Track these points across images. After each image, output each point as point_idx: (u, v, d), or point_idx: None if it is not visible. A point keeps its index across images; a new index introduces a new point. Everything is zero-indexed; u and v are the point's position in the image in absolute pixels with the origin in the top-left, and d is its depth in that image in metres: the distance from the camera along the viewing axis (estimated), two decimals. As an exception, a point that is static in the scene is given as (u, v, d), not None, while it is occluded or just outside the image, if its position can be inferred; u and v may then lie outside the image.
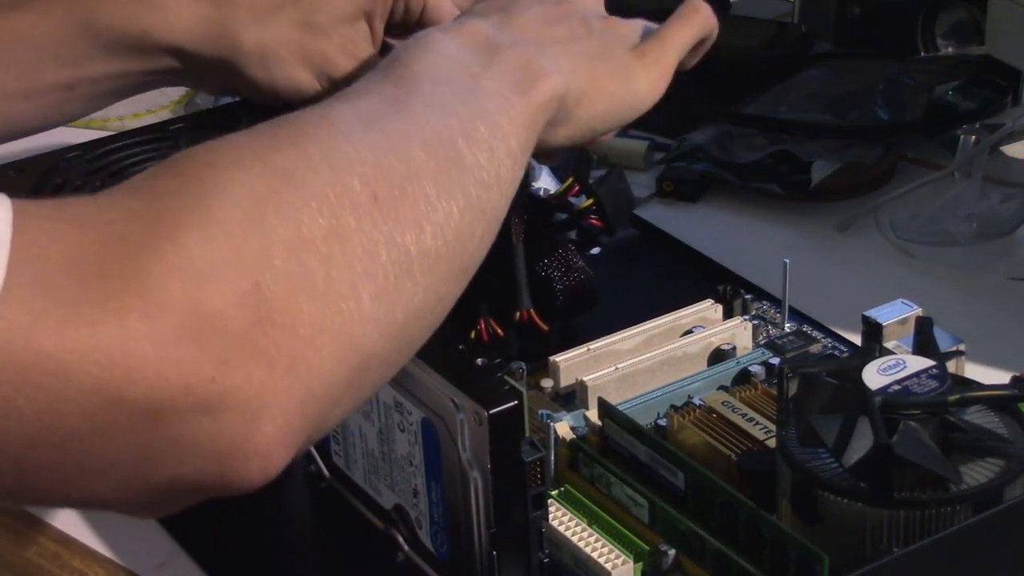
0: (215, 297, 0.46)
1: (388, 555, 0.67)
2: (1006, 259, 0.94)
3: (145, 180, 0.50)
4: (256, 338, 0.47)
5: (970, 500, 0.59)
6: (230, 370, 0.46)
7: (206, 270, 0.46)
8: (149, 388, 0.45)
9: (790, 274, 0.79)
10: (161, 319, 0.45)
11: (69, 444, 0.45)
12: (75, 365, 0.44)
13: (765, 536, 0.60)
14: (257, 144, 0.52)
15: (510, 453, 0.60)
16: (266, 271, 0.47)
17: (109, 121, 1.14)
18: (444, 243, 0.54)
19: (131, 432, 0.45)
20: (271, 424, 0.47)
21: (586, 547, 0.63)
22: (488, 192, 0.57)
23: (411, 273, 0.52)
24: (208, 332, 0.46)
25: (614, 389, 0.72)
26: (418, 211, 0.53)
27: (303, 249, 0.49)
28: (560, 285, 0.78)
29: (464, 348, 0.62)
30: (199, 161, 0.50)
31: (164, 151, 0.83)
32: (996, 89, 1.06)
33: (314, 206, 0.50)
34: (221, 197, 0.49)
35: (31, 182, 0.80)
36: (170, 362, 0.45)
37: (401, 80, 0.58)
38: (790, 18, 1.20)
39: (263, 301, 0.47)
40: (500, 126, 0.59)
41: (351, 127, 0.54)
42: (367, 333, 0.50)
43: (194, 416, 0.46)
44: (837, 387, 0.63)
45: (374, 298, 0.50)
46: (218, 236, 0.47)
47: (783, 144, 1.00)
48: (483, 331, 0.75)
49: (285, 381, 0.47)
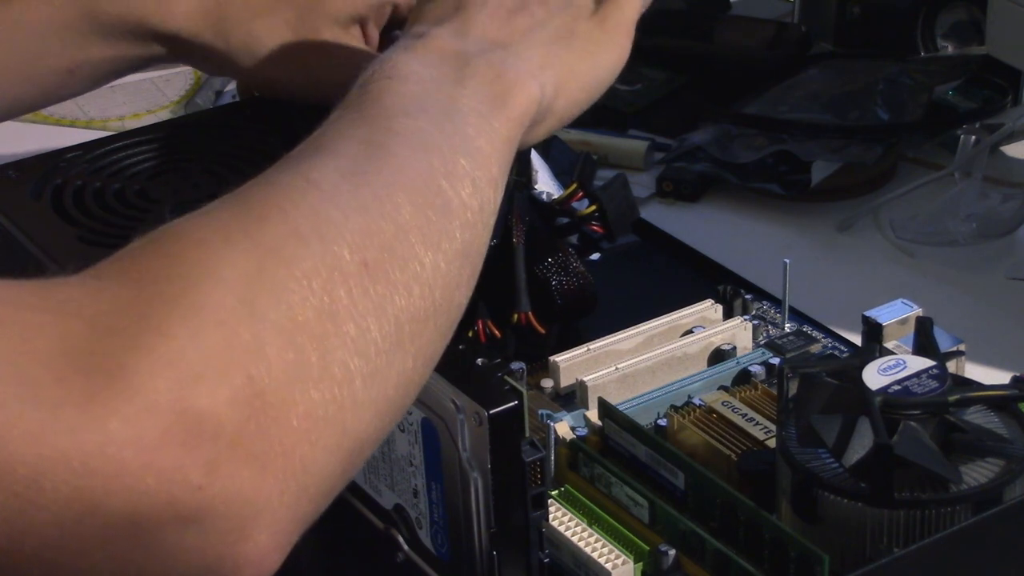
0: (205, 396, 0.43)
1: (388, 555, 0.67)
2: (1006, 259, 0.94)
3: (134, 262, 0.47)
4: (248, 438, 0.44)
5: (970, 500, 0.59)
6: (218, 476, 0.43)
7: (196, 366, 0.43)
8: (128, 499, 0.42)
9: (790, 274, 0.79)
10: (145, 422, 0.42)
11: (42, 554, 0.42)
12: (50, 473, 0.41)
13: (765, 536, 0.60)
14: (243, 216, 0.49)
15: (510, 453, 0.60)
16: (259, 362, 0.45)
17: (109, 121, 1.14)
18: (432, 302, 0.51)
19: (108, 542, 0.42)
20: (263, 532, 0.44)
21: (586, 547, 0.63)
22: (472, 231, 0.55)
23: (401, 343, 0.50)
24: (196, 435, 0.43)
25: (614, 389, 0.72)
26: (407, 272, 0.51)
27: (296, 333, 0.46)
28: (559, 288, 0.78)
29: (464, 348, 0.62)
30: (187, 239, 0.48)
31: (164, 151, 0.84)
32: (996, 89, 1.06)
33: (305, 284, 0.47)
34: (211, 282, 0.46)
35: (31, 182, 0.80)
36: (152, 470, 0.42)
37: (375, 120, 0.56)
38: (790, 18, 1.20)
39: (256, 396, 0.44)
40: (481, 152, 0.57)
41: (336, 188, 0.51)
42: (361, 418, 0.48)
43: (179, 527, 0.43)
44: (837, 387, 0.63)
45: (367, 378, 0.48)
46: (209, 327, 0.44)
47: (783, 144, 1.00)
48: (481, 332, 0.75)
49: (278, 483, 0.44)
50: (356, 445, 0.48)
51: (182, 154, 0.83)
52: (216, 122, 0.87)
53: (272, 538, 0.45)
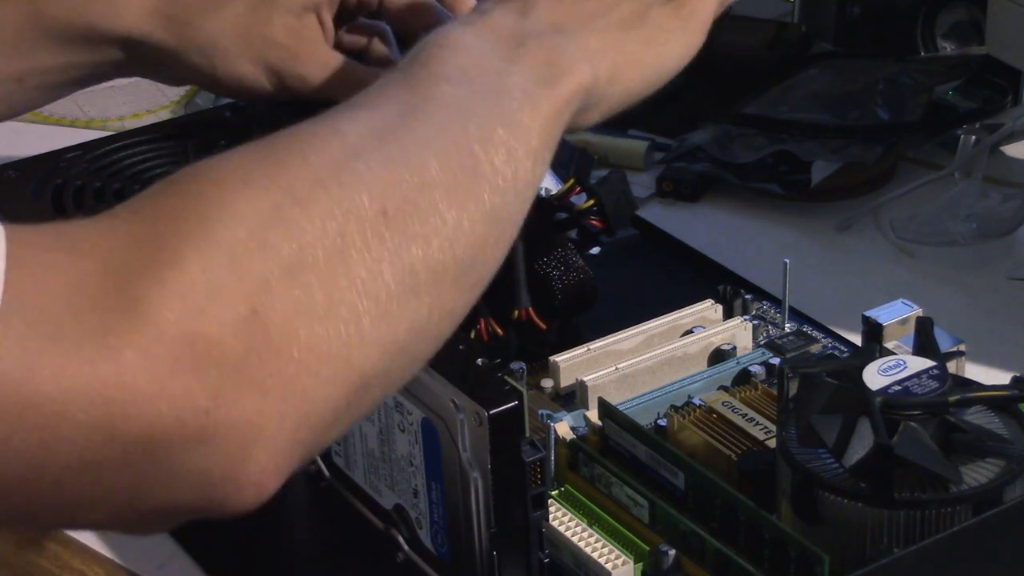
0: (212, 326, 0.45)
1: (388, 555, 0.67)
2: (1006, 259, 0.94)
3: (149, 200, 0.49)
4: (251, 366, 0.46)
5: (970, 500, 0.59)
6: (223, 401, 0.45)
7: (205, 297, 0.45)
8: (143, 423, 0.44)
9: (790, 274, 0.79)
10: (157, 352, 0.44)
11: (63, 479, 0.44)
12: (71, 404, 0.43)
13: (765, 536, 0.60)
14: (265, 159, 0.51)
15: (510, 453, 0.60)
16: (265, 296, 0.46)
17: (109, 121, 1.14)
18: (452, 257, 0.52)
19: (125, 466, 0.45)
20: (264, 453, 0.47)
21: (586, 547, 0.63)
22: (503, 197, 0.55)
23: (416, 290, 0.51)
24: (203, 363, 0.45)
25: (614, 389, 0.72)
26: (427, 225, 0.51)
27: (304, 271, 0.48)
28: (559, 284, 0.78)
29: (464, 348, 0.62)
30: (204, 177, 0.49)
31: (164, 151, 0.84)
32: (996, 89, 1.06)
33: (319, 225, 0.49)
34: (225, 216, 0.48)
35: (31, 183, 0.80)
36: (164, 396, 0.44)
37: (419, 84, 0.57)
38: (790, 18, 1.20)
39: (260, 328, 0.46)
40: (521, 124, 0.57)
41: (363, 142, 0.53)
42: (367, 355, 0.49)
43: (187, 448, 0.45)
44: (837, 387, 0.63)
45: (375, 319, 0.49)
46: (220, 259, 0.46)
47: (783, 144, 1.00)
48: (483, 330, 0.75)
49: (279, 408, 0.46)
50: (361, 380, 0.49)
51: (182, 154, 0.83)
52: (216, 122, 0.87)
53: (271, 460, 0.47)
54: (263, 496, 0.48)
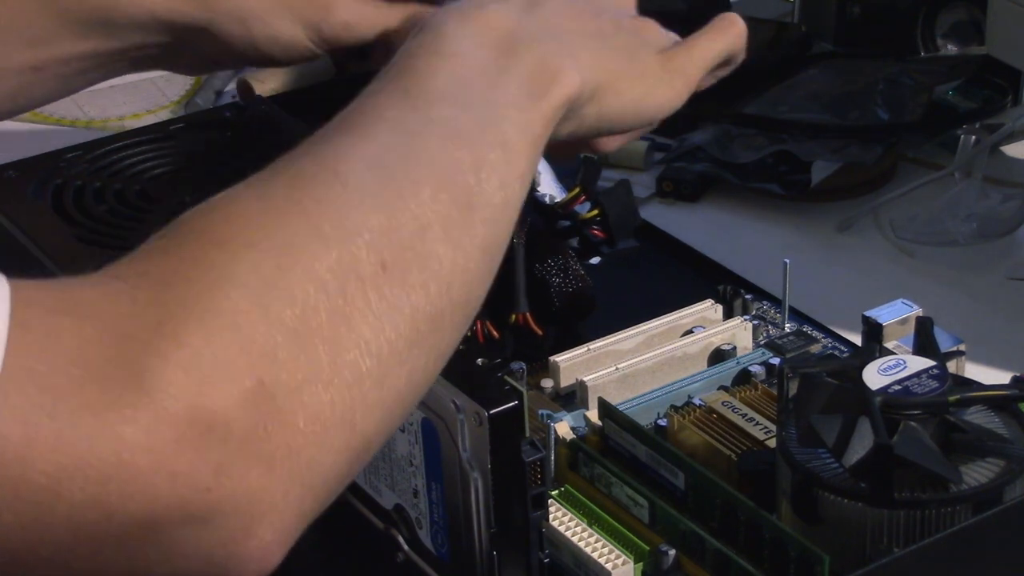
0: (217, 400, 0.44)
1: (388, 555, 0.67)
2: (1006, 259, 0.94)
3: (154, 263, 0.47)
4: (256, 440, 0.45)
5: (970, 500, 0.59)
6: (227, 478, 0.44)
7: (209, 370, 0.44)
8: (142, 502, 0.43)
9: (790, 274, 0.79)
10: (159, 429, 0.43)
11: (56, 556, 0.43)
12: (68, 481, 0.42)
13: (765, 536, 0.60)
14: (265, 213, 0.49)
15: (510, 453, 0.60)
16: (270, 365, 0.45)
17: (109, 121, 1.14)
18: (449, 300, 0.51)
19: (123, 543, 0.44)
20: (268, 529, 0.45)
21: (586, 547, 0.63)
22: (494, 227, 0.54)
23: (416, 342, 0.50)
24: (207, 439, 0.44)
25: (614, 389, 0.72)
26: (425, 272, 0.50)
27: (309, 336, 0.46)
28: (557, 290, 0.78)
29: (464, 348, 0.62)
30: (208, 237, 0.48)
31: (164, 151, 0.84)
32: (996, 89, 1.06)
33: (321, 286, 0.47)
34: (228, 285, 0.46)
35: (31, 183, 0.80)
36: (165, 474, 0.43)
37: (414, 103, 0.55)
38: (790, 18, 1.20)
39: (266, 399, 0.45)
40: (513, 147, 0.56)
41: (363, 185, 0.51)
42: (370, 417, 0.48)
43: (188, 526, 0.44)
44: (837, 387, 0.63)
45: (378, 379, 0.48)
46: (224, 330, 0.45)
47: (783, 144, 1.00)
48: (479, 333, 0.75)
49: (284, 483, 0.45)
50: (364, 444, 0.48)
51: (182, 154, 0.83)
52: (216, 122, 0.87)
53: (276, 535, 0.46)
54: (267, 570, 0.47)
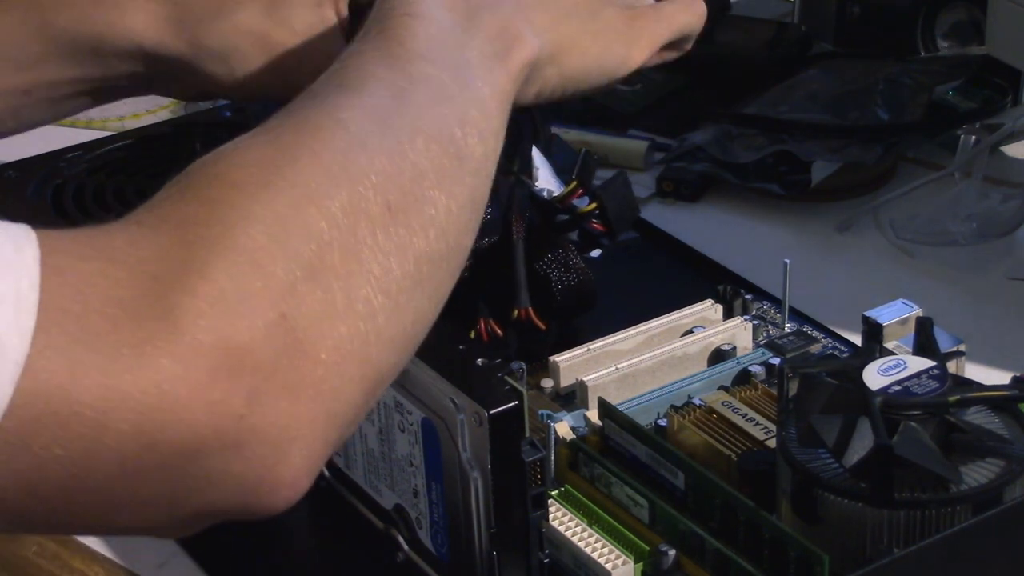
0: (244, 332, 0.46)
1: (388, 555, 0.67)
2: (1006, 259, 0.94)
3: (171, 205, 0.49)
4: (282, 370, 0.46)
5: (970, 500, 0.59)
6: (258, 406, 0.46)
7: (235, 304, 0.46)
8: (182, 431, 0.45)
9: (790, 274, 0.79)
10: (194, 360, 0.45)
11: (102, 486, 0.45)
12: (112, 414, 0.44)
13: (765, 536, 0.60)
14: (277, 156, 0.51)
15: (510, 453, 0.60)
16: (290, 299, 0.47)
17: (109, 121, 1.14)
18: (446, 244, 0.53)
19: (164, 472, 0.45)
20: (297, 454, 0.47)
21: (586, 547, 0.63)
22: (478, 178, 0.57)
23: (420, 282, 0.52)
24: (238, 369, 0.45)
25: (614, 389, 0.72)
26: (424, 215, 0.53)
27: (324, 272, 0.48)
28: (559, 284, 0.78)
29: (464, 348, 0.62)
30: (223, 180, 0.50)
31: (164, 151, 0.84)
32: (996, 89, 1.06)
33: (334, 223, 0.49)
34: (247, 223, 0.48)
35: (31, 183, 0.80)
36: (202, 404, 0.45)
37: (400, 63, 0.57)
38: (790, 18, 1.20)
39: (289, 331, 0.47)
40: (486, 104, 0.58)
41: (365, 132, 0.53)
42: (383, 350, 0.50)
43: (224, 453, 0.46)
44: (837, 387, 0.63)
45: (389, 314, 0.50)
46: (246, 266, 0.47)
47: (783, 144, 1.00)
48: (483, 331, 0.75)
49: (310, 410, 0.47)
50: (378, 376, 0.50)
51: (182, 154, 0.83)
52: (216, 122, 0.88)
53: (304, 461, 0.48)
54: (297, 496, 0.48)
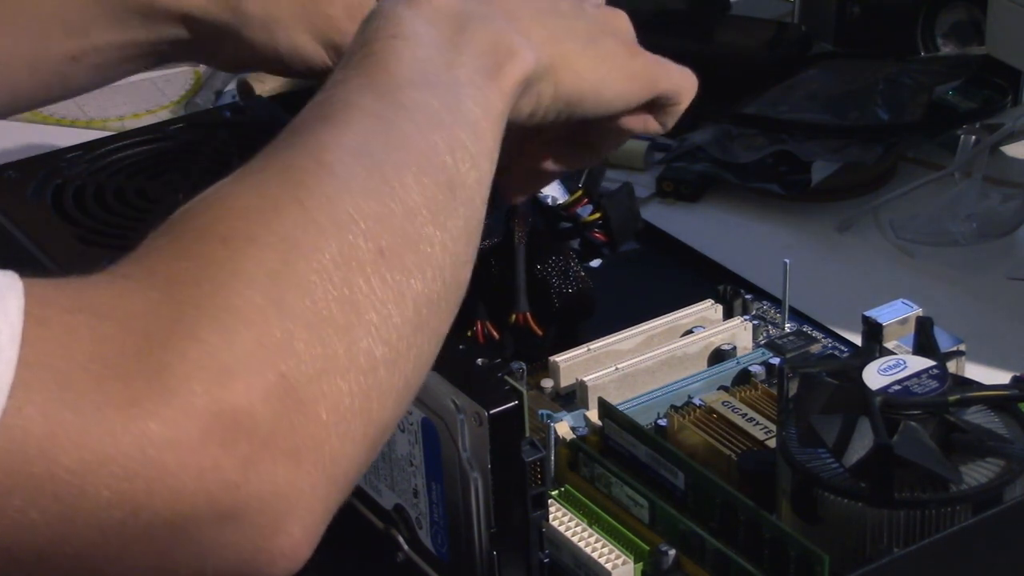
0: (240, 395, 0.44)
1: (388, 555, 0.67)
2: (1006, 259, 0.94)
3: (160, 260, 0.47)
4: (282, 434, 0.44)
5: (970, 500, 0.59)
6: (255, 473, 0.44)
7: (230, 366, 0.44)
8: (169, 499, 0.43)
9: (790, 274, 0.79)
10: (184, 424, 0.43)
11: (83, 554, 0.43)
12: (92, 477, 0.42)
13: (765, 536, 0.60)
14: (262, 206, 0.49)
15: (510, 453, 0.60)
16: (289, 358, 0.45)
17: (109, 121, 1.14)
18: (443, 283, 0.52)
19: (149, 541, 0.43)
20: (298, 523, 0.45)
21: (586, 547, 0.63)
22: (472, 206, 0.55)
23: (420, 326, 0.50)
24: (233, 434, 0.43)
25: (614, 389, 0.72)
26: (419, 254, 0.51)
27: (322, 326, 0.46)
28: (558, 291, 0.77)
29: (464, 348, 0.62)
30: (211, 234, 0.48)
31: (164, 151, 0.84)
32: (996, 89, 1.06)
33: (326, 276, 0.47)
34: (238, 281, 0.46)
35: (31, 183, 0.80)
36: (192, 470, 0.43)
37: (384, 90, 0.55)
38: (790, 18, 1.20)
39: (288, 392, 0.45)
40: (478, 126, 0.56)
41: (349, 171, 0.51)
42: (385, 404, 0.48)
43: (216, 523, 0.44)
44: (837, 387, 0.63)
45: (389, 365, 0.48)
46: (240, 327, 0.45)
47: (783, 144, 1.00)
48: (479, 333, 0.75)
49: (311, 476, 0.45)
50: (380, 431, 0.49)
51: (182, 154, 0.83)
52: (216, 122, 0.88)
53: (305, 530, 0.46)
54: (298, 566, 0.46)
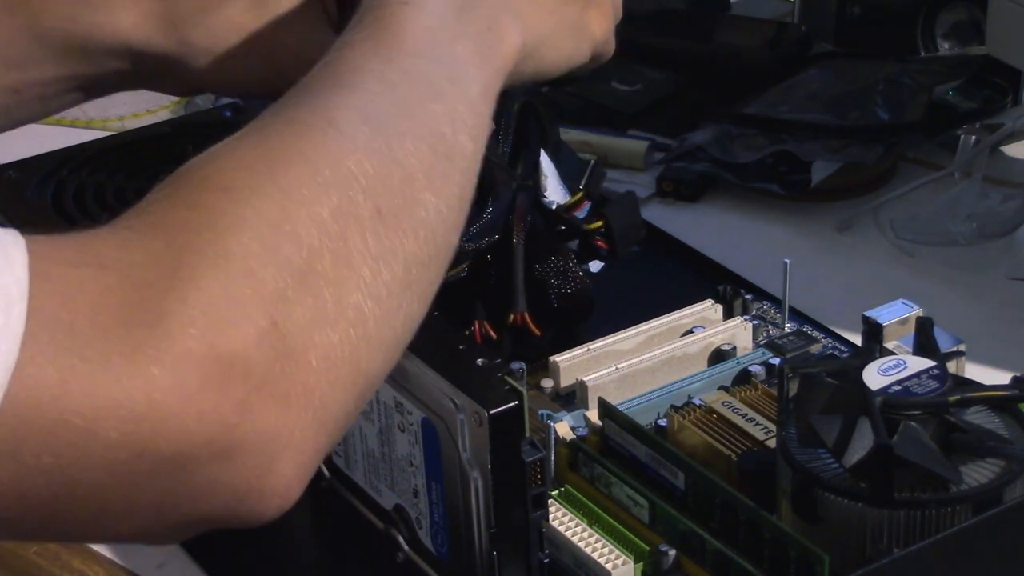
0: (236, 340, 0.46)
1: (388, 555, 0.67)
2: (1006, 259, 0.94)
3: (161, 209, 0.49)
4: (273, 378, 0.46)
5: (970, 500, 0.59)
6: (249, 415, 0.46)
7: (226, 312, 0.46)
8: (173, 439, 0.44)
9: (790, 274, 0.79)
10: (185, 368, 0.44)
11: (92, 494, 0.45)
12: (101, 422, 0.43)
13: (765, 536, 0.60)
14: (267, 159, 0.51)
15: (510, 453, 0.60)
16: (281, 306, 0.47)
17: (109, 121, 1.14)
18: (435, 246, 0.53)
19: (154, 481, 0.45)
20: (288, 463, 0.47)
21: (586, 547, 0.63)
22: (466, 176, 0.56)
23: (409, 285, 0.52)
24: (229, 378, 0.45)
25: (614, 389, 0.72)
26: (414, 217, 0.52)
27: (315, 277, 0.48)
28: (556, 291, 0.77)
29: (464, 348, 0.62)
30: (214, 184, 0.50)
31: (164, 151, 0.84)
32: (996, 89, 1.06)
33: (324, 229, 0.49)
34: (238, 229, 0.48)
35: (31, 182, 0.80)
36: (193, 413, 0.45)
37: (391, 55, 0.57)
38: (790, 18, 1.20)
39: (280, 338, 0.46)
40: (475, 101, 0.58)
41: (355, 132, 0.53)
42: (373, 356, 0.50)
43: (214, 462, 0.46)
44: (837, 387, 0.63)
45: (379, 319, 0.50)
46: (237, 273, 0.47)
47: (783, 144, 1.00)
48: (477, 333, 0.75)
49: (301, 418, 0.47)
50: (367, 382, 0.50)
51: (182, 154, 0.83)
52: (216, 122, 0.88)
53: (295, 470, 0.48)
54: (288, 504, 0.48)
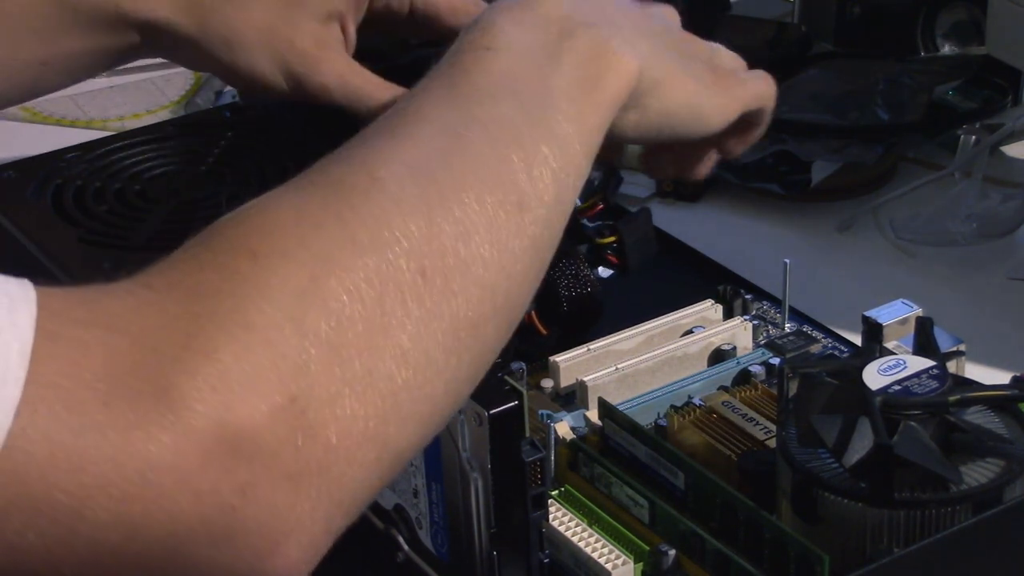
0: (245, 417, 0.43)
1: (388, 555, 0.67)
2: (1006, 259, 0.94)
3: (186, 273, 0.46)
4: (285, 458, 0.43)
5: (970, 500, 0.59)
6: (253, 497, 0.43)
7: (238, 387, 0.43)
8: (165, 522, 0.42)
9: (790, 274, 0.79)
10: (186, 447, 0.42)
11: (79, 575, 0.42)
12: (90, 500, 0.41)
13: (765, 536, 0.60)
14: (301, 222, 0.47)
15: (510, 453, 0.60)
16: (303, 380, 0.44)
17: (109, 121, 1.14)
18: (493, 305, 0.49)
19: (145, 563, 0.43)
20: (294, 546, 0.44)
21: (586, 547, 0.63)
22: (544, 226, 0.52)
23: (456, 350, 0.48)
24: (234, 457, 0.43)
25: (614, 389, 0.72)
26: (468, 276, 0.48)
27: (343, 348, 0.45)
28: (566, 293, 0.77)
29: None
30: (242, 247, 0.46)
31: (164, 151, 0.84)
32: (996, 89, 1.06)
33: (357, 296, 0.46)
34: (260, 298, 0.45)
35: (31, 183, 0.80)
36: (190, 493, 0.42)
37: (461, 102, 0.54)
38: (790, 18, 1.20)
39: (297, 414, 0.44)
40: (567, 139, 0.54)
41: (401, 190, 0.49)
42: (403, 429, 0.47)
43: (211, 546, 0.43)
44: (837, 387, 0.63)
45: (414, 389, 0.46)
46: (256, 346, 0.44)
47: (783, 144, 1.00)
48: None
49: (312, 499, 0.44)
50: (396, 457, 0.47)
51: (182, 154, 0.83)
52: (216, 122, 0.88)
53: (303, 553, 0.45)
54: None
